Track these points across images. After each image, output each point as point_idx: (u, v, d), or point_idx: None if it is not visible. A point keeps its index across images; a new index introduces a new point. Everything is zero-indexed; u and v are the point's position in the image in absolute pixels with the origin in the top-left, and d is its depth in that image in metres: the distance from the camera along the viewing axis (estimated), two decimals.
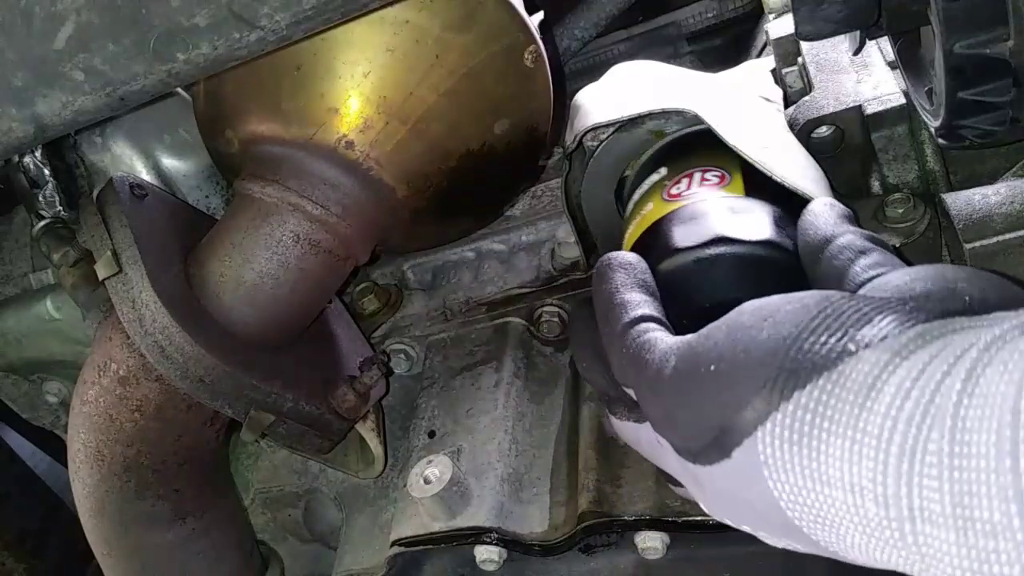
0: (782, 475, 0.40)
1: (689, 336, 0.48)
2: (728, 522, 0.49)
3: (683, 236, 0.64)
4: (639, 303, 0.54)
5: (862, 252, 0.50)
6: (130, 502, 0.82)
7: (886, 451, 0.35)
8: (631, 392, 0.53)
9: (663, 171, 0.73)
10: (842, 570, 0.71)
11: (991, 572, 0.31)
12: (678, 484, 0.55)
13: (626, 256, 0.59)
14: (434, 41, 0.77)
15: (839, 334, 0.39)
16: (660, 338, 0.50)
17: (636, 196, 0.75)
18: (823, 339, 0.40)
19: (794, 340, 0.41)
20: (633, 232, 0.71)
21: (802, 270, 0.57)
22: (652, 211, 0.70)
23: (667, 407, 0.47)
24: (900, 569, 0.37)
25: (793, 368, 0.40)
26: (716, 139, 0.70)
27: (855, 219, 0.56)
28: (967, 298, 0.41)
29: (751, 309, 0.45)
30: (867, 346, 0.38)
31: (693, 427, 0.45)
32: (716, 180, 0.69)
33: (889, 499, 0.35)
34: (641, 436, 0.56)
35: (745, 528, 0.47)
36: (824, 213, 0.56)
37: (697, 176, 0.70)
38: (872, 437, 0.36)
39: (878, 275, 0.47)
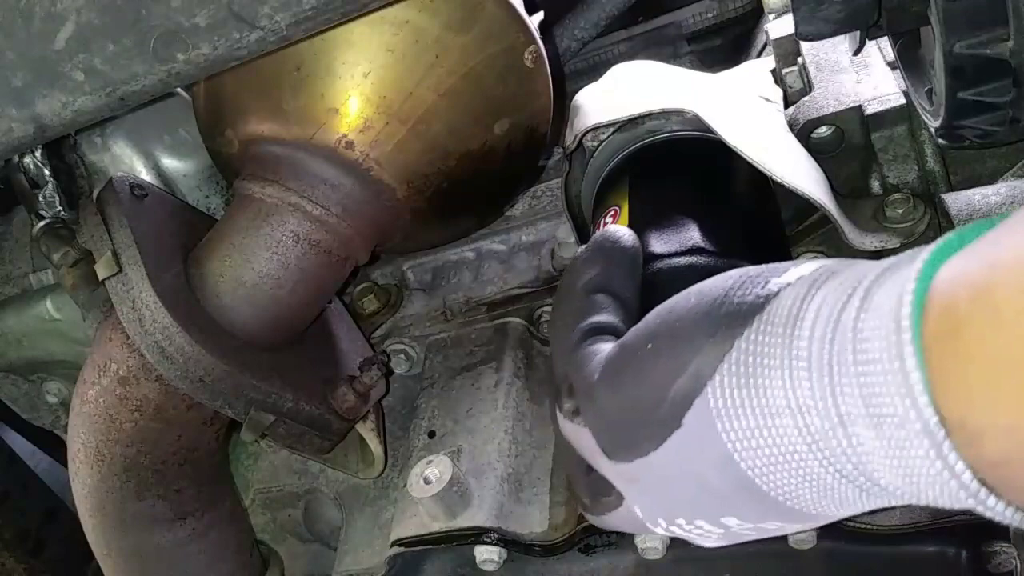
0: (735, 422, 0.42)
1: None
2: (661, 523, 0.50)
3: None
4: (604, 307, 0.54)
5: None
6: (130, 502, 0.82)
7: (815, 369, 0.39)
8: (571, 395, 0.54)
9: None
10: (839, 570, 0.71)
11: (905, 457, 0.35)
12: (593, 509, 0.55)
13: (627, 241, 0.57)
14: (434, 41, 0.77)
15: (761, 283, 0.44)
16: (602, 348, 0.51)
17: None
18: (749, 290, 0.44)
19: (724, 297, 0.44)
20: None
21: None
22: None
23: (602, 407, 0.49)
24: (843, 484, 0.41)
25: (728, 319, 0.43)
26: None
27: None
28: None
29: (675, 296, 0.48)
30: (788, 285, 0.43)
31: (637, 402, 0.47)
32: None
33: (826, 410, 0.39)
34: (582, 441, 0.54)
35: (680, 523, 0.49)
36: None
37: None
38: (802, 360, 0.39)
39: None
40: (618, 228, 0.57)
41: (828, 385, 0.38)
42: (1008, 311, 0.31)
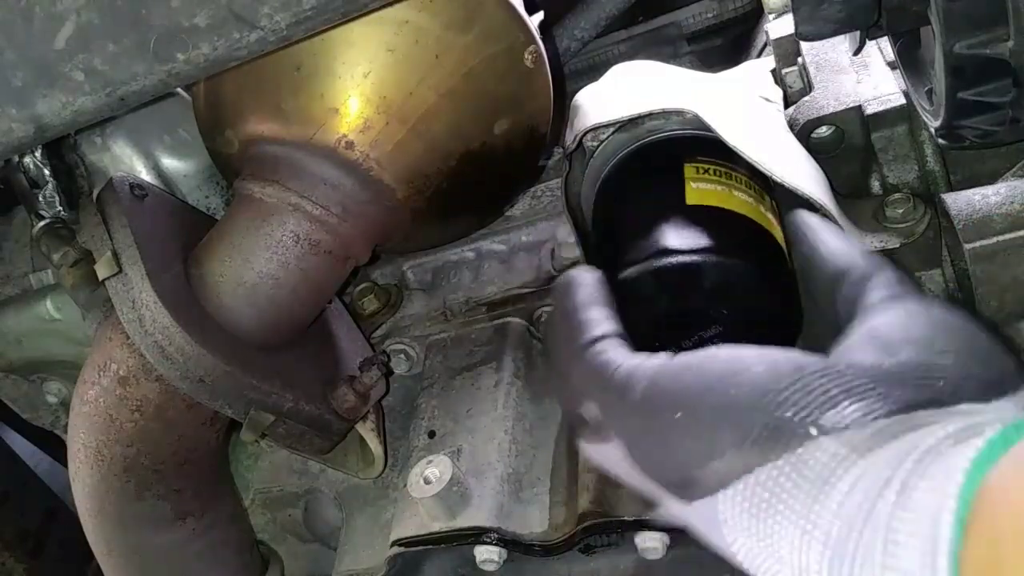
0: (739, 538, 0.41)
1: (657, 363, 0.48)
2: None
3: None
4: (601, 321, 0.53)
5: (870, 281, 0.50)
6: (130, 502, 0.82)
7: (832, 548, 0.36)
8: (593, 407, 0.52)
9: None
10: None
11: None
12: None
13: (585, 275, 0.57)
14: (434, 41, 0.77)
15: (804, 413, 0.40)
16: (623, 355, 0.50)
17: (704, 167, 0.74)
18: (788, 415, 0.40)
19: (761, 410, 0.41)
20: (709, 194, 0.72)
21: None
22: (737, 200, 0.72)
23: (632, 432, 0.48)
24: None
25: (758, 440, 0.41)
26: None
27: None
28: (942, 381, 0.41)
29: (724, 360, 0.45)
30: (828, 433, 0.39)
31: (657, 462, 0.46)
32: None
33: None
34: (611, 454, 0.53)
35: None
36: (833, 239, 0.54)
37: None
38: (821, 531, 0.37)
39: (877, 305, 0.48)
40: (580, 273, 0.57)
41: (847, 575, 0.35)
42: None
